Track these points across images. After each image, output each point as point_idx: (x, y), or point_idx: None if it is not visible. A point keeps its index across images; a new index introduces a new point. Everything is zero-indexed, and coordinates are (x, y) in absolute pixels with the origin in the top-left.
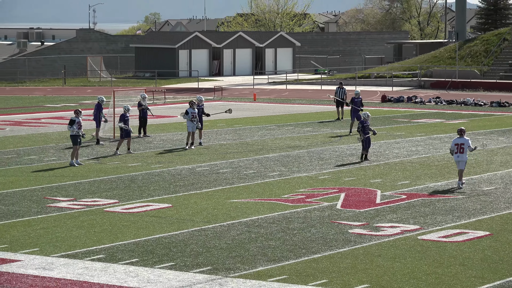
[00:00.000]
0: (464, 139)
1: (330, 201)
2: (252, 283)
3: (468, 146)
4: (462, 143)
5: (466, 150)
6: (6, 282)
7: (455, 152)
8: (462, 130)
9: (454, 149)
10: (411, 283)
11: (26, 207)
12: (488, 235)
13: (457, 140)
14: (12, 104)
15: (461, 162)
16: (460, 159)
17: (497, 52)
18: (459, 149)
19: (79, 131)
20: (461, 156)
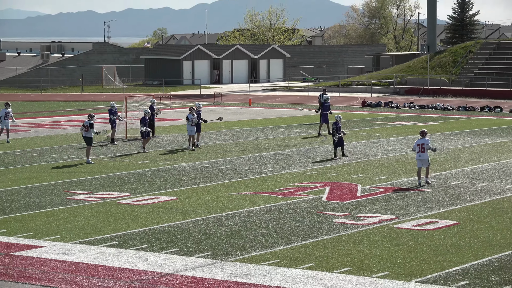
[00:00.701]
0: (425, 139)
1: (316, 194)
2: (247, 266)
3: (427, 145)
4: (423, 143)
5: (427, 149)
6: (31, 265)
7: (417, 151)
8: (424, 131)
9: (416, 149)
10: (387, 266)
11: (49, 199)
12: (455, 224)
13: (419, 140)
14: (36, 108)
15: (423, 160)
16: (422, 158)
17: (464, 63)
18: (421, 149)
19: (95, 131)
20: (422, 155)
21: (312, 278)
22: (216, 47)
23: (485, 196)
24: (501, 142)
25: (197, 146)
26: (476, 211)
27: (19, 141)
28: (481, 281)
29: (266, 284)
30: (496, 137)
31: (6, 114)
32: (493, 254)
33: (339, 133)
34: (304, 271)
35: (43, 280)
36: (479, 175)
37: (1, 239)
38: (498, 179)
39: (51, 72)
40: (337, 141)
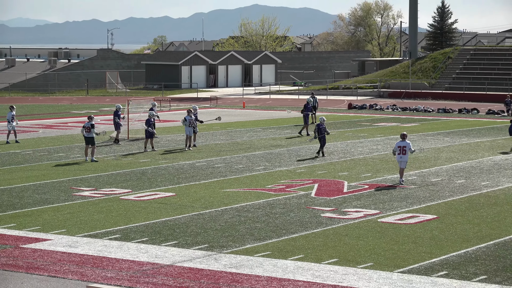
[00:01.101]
0: (406, 142)
1: (306, 190)
2: (241, 258)
3: (409, 148)
4: (404, 145)
5: (408, 152)
6: (39, 257)
7: (397, 153)
8: (405, 134)
9: (397, 151)
10: (372, 258)
11: (56, 195)
12: (435, 218)
13: (400, 143)
14: (44, 110)
15: (402, 162)
16: (402, 159)
17: (443, 68)
18: (402, 151)
19: (96, 131)
20: (403, 157)
21: (301, 268)
22: (212, 53)
23: (462, 192)
24: (477, 142)
25: (194, 146)
26: (455, 206)
27: (28, 141)
28: (459, 272)
29: (259, 275)
30: (473, 137)
31: (13, 117)
32: (470, 246)
33: (321, 134)
34: (294, 262)
35: (51, 271)
36: (457, 173)
37: (11, 232)
38: (475, 176)
39: (58, 76)
40: (322, 141)
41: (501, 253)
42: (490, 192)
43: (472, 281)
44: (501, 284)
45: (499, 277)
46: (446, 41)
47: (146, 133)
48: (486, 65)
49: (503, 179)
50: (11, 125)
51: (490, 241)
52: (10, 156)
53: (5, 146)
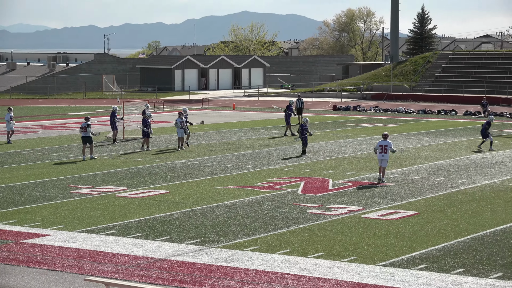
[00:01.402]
0: (387, 141)
1: (292, 188)
2: (231, 252)
3: (390, 147)
4: (385, 145)
5: (389, 151)
6: (39, 252)
7: (379, 152)
8: (386, 134)
9: (379, 149)
10: (355, 252)
11: (54, 193)
12: (415, 214)
13: (382, 142)
14: (43, 112)
15: (384, 160)
16: (384, 158)
17: (423, 71)
18: (383, 150)
19: (92, 132)
20: (385, 155)
21: (288, 262)
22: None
23: (441, 189)
24: (455, 142)
25: (187, 145)
26: (434, 203)
27: (28, 141)
28: (438, 265)
29: (248, 268)
30: (451, 137)
31: (11, 118)
32: (449, 241)
33: (303, 134)
34: (282, 256)
35: (50, 265)
36: (436, 171)
37: (12, 228)
38: (453, 174)
39: (57, 80)
40: (304, 141)
41: (478, 247)
42: (467, 189)
43: (450, 274)
44: (478, 276)
45: (476, 270)
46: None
47: (143, 133)
48: (463, 69)
49: (479, 176)
50: (10, 125)
51: (467, 235)
52: (11, 155)
53: (6, 146)
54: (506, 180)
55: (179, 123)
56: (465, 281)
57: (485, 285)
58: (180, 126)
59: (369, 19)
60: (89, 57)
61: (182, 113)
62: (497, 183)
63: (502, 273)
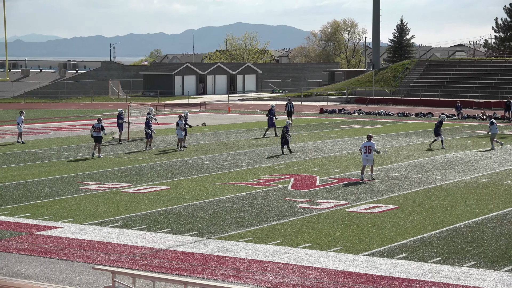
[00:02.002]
0: (371, 142)
1: (283, 184)
2: (227, 243)
3: (373, 148)
4: (369, 145)
5: (373, 151)
6: (50, 243)
7: (363, 152)
8: (370, 136)
9: (363, 149)
10: (341, 243)
11: (65, 189)
12: (396, 208)
13: (366, 143)
14: (55, 115)
15: (368, 160)
16: (368, 158)
17: (402, 77)
18: (367, 150)
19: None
20: (369, 155)
21: (280, 252)
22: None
23: (419, 185)
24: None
25: (184, 147)
26: (413, 197)
27: (40, 141)
28: (417, 254)
29: (243, 257)
30: (428, 138)
31: (22, 120)
32: (426, 232)
33: (282, 134)
34: (273, 247)
35: (61, 255)
36: (414, 168)
37: (26, 221)
38: (430, 171)
39: (67, 85)
40: (283, 141)
41: (453, 238)
42: (443, 185)
43: (427, 263)
44: (453, 265)
45: (451, 259)
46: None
47: (146, 134)
48: (439, 75)
49: (454, 173)
50: (20, 127)
51: (443, 227)
52: (25, 154)
53: (20, 146)
54: (478, 177)
55: (180, 125)
56: (441, 269)
57: (460, 273)
58: (180, 128)
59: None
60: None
61: (182, 116)
62: (470, 180)
63: (475, 262)
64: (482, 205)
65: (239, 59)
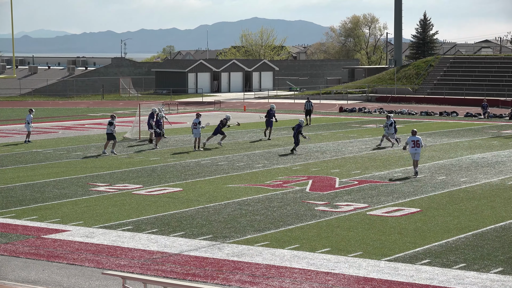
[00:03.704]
0: (417, 137)
1: (301, 186)
2: (242, 247)
3: (421, 142)
4: (417, 140)
5: (421, 145)
6: (59, 246)
7: (411, 146)
8: (415, 131)
9: (411, 144)
10: (361, 247)
11: (74, 190)
12: (419, 211)
13: (412, 137)
14: (63, 113)
15: (417, 154)
16: (417, 152)
17: (425, 75)
18: (415, 144)
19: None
20: (417, 149)
21: (297, 257)
22: (216, 61)
23: (443, 188)
24: (457, 142)
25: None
26: (436, 200)
27: (48, 141)
28: (441, 260)
29: (259, 262)
30: (452, 138)
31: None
32: (451, 237)
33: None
34: (291, 251)
35: (69, 259)
36: (438, 170)
37: (33, 224)
38: (455, 173)
39: (76, 82)
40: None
41: (479, 243)
42: (468, 187)
43: (452, 269)
44: (479, 271)
45: (476, 265)
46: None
47: (155, 133)
48: (464, 72)
49: (480, 175)
50: (28, 126)
51: (468, 232)
52: (32, 154)
53: (28, 146)
54: (506, 179)
55: (196, 123)
56: (466, 276)
57: (486, 279)
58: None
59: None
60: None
61: (200, 114)
62: (497, 182)
63: (502, 268)
64: (510, 208)
65: (255, 56)
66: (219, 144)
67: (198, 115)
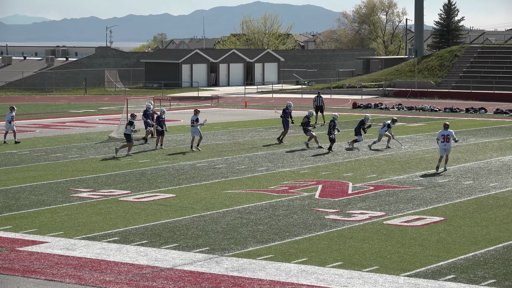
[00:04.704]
0: (449, 131)
1: (309, 192)
2: (243, 261)
3: (453, 137)
4: (447, 134)
5: (451, 140)
6: (35, 260)
7: (441, 141)
8: (447, 124)
9: (441, 139)
10: (377, 261)
11: (53, 197)
12: (442, 220)
13: (443, 131)
14: (41, 110)
15: (446, 149)
16: (446, 147)
17: (450, 66)
18: (446, 139)
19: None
20: (447, 144)
21: (305, 272)
22: (213, 51)
23: (470, 194)
24: (485, 142)
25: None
26: (462, 208)
27: (24, 141)
28: (467, 275)
29: (262, 278)
30: (481, 137)
31: (12, 118)
32: (479, 249)
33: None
34: (298, 266)
35: (47, 275)
36: (464, 174)
37: (7, 235)
38: (483, 177)
39: (56, 75)
40: (331, 138)
41: (510, 256)
42: (498, 193)
43: (480, 285)
44: None
45: (508, 281)
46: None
47: (157, 130)
48: (493, 64)
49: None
50: (10, 125)
51: (499, 243)
52: (6, 156)
53: (1, 147)
54: None
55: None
56: None
57: None
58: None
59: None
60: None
61: (199, 111)
62: None
63: None
64: None
65: (258, 45)
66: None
67: (196, 112)
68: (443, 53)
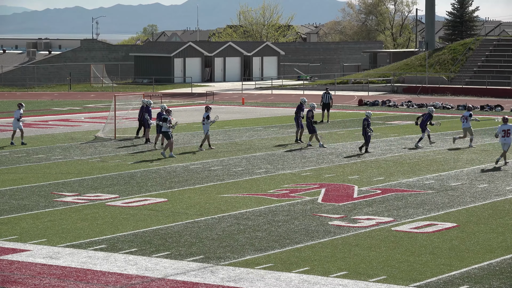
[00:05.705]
0: (509, 125)
1: (311, 196)
2: (240, 270)
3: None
4: (508, 128)
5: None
6: (16, 270)
7: (501, 136)
8: (506, 118)
9: (501, 134)
10: (385, 271)
11: (35, 201)
12: (455, 226)
13: (503, 126)
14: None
15: (506, 144)
16: (506, 142)
17: (463, 60)
18: (506, 134)
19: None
20: (507, 139)
21: (307, 282)
22: (208, 44)
23: (485, 198)
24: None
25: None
26: (476, 213)
27: (3, 141)
28: (482, 286)
29: None
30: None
31: (20, 115)
32: (494, 258)
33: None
34: (299, 275)
35: (29, 285)
36: (479, 176)
37: None
38: (499, 180)
39: (38, 70)
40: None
41: None
42: None
43: None
44: None
45: None
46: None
47: (158, 128)
48: (511, 57)
49: None
50: (18, 124)
51: None
52: None
53: None
54: None
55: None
56: None
57: None
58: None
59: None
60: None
61: (210, 108)
62: None
63: None
64: None
65: (256, 37)
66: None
67: (208, 109)
68: (456, 46)
